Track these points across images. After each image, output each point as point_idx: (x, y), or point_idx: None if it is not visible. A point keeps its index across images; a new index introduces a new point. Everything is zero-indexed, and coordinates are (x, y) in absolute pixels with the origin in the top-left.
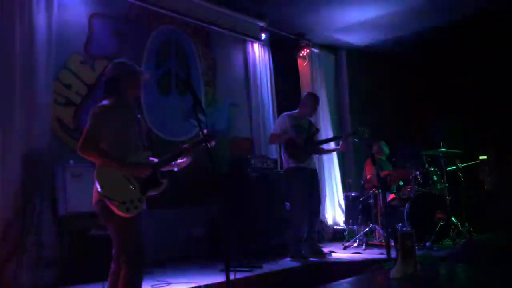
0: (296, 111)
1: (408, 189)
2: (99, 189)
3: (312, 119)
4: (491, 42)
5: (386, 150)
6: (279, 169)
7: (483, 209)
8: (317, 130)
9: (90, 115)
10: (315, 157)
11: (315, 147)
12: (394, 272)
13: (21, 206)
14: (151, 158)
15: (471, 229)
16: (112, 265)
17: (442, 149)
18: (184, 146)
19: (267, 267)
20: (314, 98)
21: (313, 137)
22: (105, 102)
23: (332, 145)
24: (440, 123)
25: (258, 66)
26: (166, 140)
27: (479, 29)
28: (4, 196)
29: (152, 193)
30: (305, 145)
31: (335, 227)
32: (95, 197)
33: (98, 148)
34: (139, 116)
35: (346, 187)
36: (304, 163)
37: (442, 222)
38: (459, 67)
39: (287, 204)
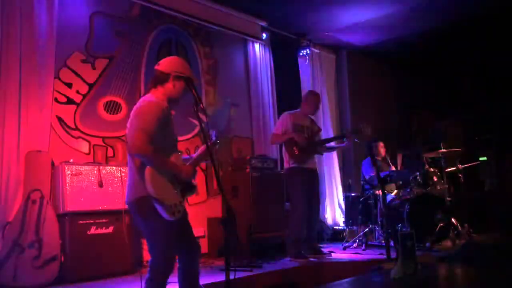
0: (297, 110)
1: (408, 190)
2: (151, 191)
3: (312, 118)
4: (491, 42)
5: (382, 151)
6: (279, 168)
7: (482, 210)
8: (320, 129)
9: (140, 112)
10: (316, 157)
11: (316, 147)
12: (394, 273)
13: (21, 204)
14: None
15: (471, 230)
16: None
17: (442, 150)
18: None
19: (267, 267)
20: (316, 96)
21: (314, 137)
22: (151, 96)
23: (333, 143)
24: (441, 124)
25: (258, 65)
26: None
27: (480, 29)
28: (4, 194)
29: (188, 196)
30: (306, 145)
31: (335, 227)
32: (135, 193)
33: (154, 148)
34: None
35: (346, 187)
36: (305, 163)
37: (441, 222)
38: (459, 68)
39: (287, 204)
